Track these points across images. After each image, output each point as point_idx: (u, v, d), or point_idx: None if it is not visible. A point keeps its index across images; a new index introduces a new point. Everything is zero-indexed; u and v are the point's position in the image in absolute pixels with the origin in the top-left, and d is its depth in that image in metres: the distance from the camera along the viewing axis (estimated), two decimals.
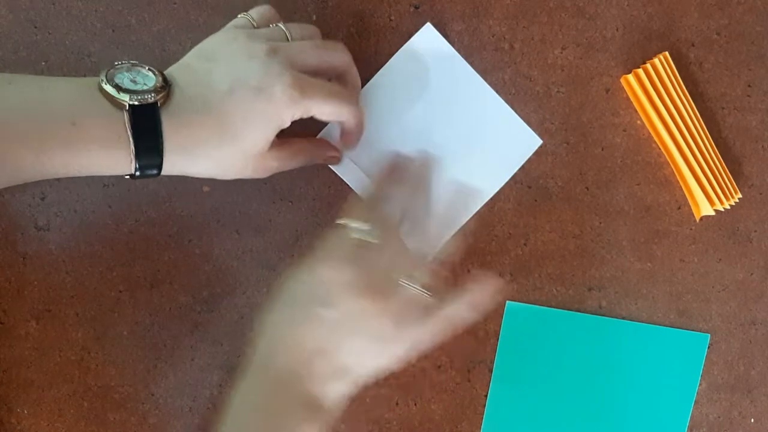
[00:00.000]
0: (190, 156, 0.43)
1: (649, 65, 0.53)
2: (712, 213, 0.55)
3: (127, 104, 0.41)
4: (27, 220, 0.52)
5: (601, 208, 0.55)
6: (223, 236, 0.53)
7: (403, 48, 0.54)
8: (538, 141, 0.55)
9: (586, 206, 0.55)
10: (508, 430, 0.55)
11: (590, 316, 0.56)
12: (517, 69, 0.54)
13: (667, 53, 0.54)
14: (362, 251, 0.45)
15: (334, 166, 0.53)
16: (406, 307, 0.45)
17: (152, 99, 0.42)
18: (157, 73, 0.43)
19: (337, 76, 0.50)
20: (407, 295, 0.45)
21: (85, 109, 0.41)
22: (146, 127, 0.41)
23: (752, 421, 0.57)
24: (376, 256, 0.45)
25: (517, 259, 0.55)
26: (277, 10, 0.49)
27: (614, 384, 0.56)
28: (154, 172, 0.43)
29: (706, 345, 0.56)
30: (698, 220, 0.56)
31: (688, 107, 0.54)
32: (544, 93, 0.55)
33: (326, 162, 0.52)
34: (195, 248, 0.53)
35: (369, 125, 0.53)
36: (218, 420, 0.43)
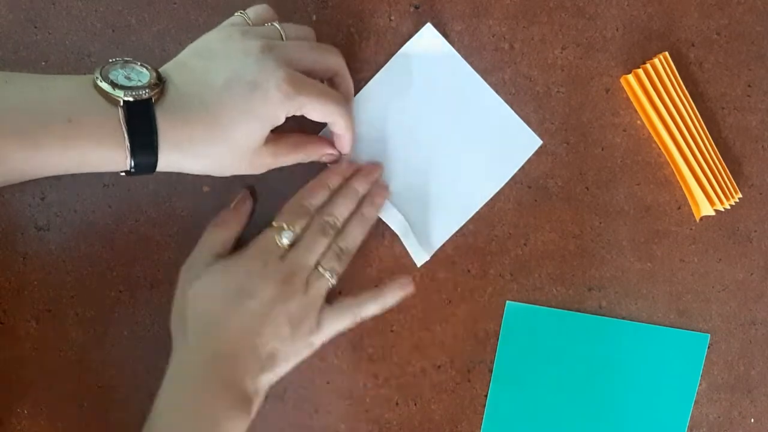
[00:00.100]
0: (186, 152, 0.43)
1: (649, 65, 0.53)
2: (712, 213, 0.55)
3: (121, 100, 0.41)
4: (27, 220, 0.52)
5: (601, 208, 0.55)
6: None
7: (403, 48, 0.54)
8: (538, 141, 0.55)
9: (586, 206, 0.55)
10: (508, 430, 0.55)
11: (590, 316, 0.56)
12: (517, 69, 0.54)
13: (667, 53, 0.54)
14: (287, 252, 0.48)
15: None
16: (317, 292, 0.49)
17: (146, 95, 0.42)
18: (151, 70, 0.43)
19: (330, 79, 0.50)
20: (318, 284, 0.49)
21: (81, 106, 0.41)
22: (141, 123, 0.42)
23: (752, 421, 0.57)
24: (302, 254, 0.48)
25: (517, 259, 0.55)
26: (276, 11, 0.49)
27: (614, 384, 0.56)
28: (150, 168, 0.43)
29: (706, 345, 0.56)
30: (698, 220, 0.56)
31: (688, 107, 0.54)
32: (544, 93, 0.55)
33: (322, 159, 0.52)
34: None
35: (369, 125, 0.53)
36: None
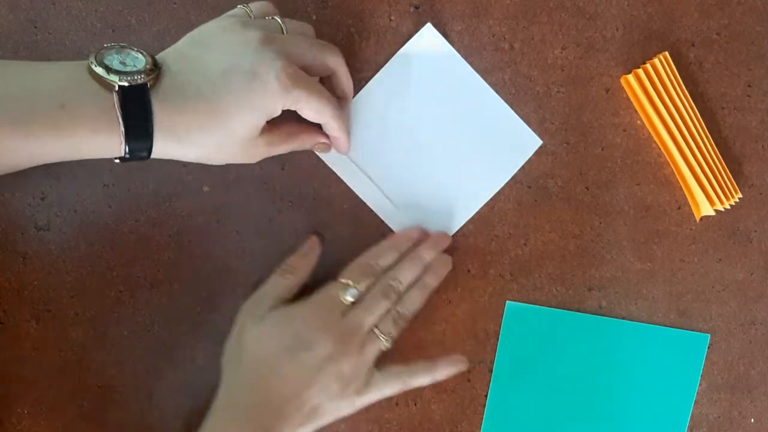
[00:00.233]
0: (182, 140, 0.43)
1: (649, 65, 0.53)
2: (712, 213, 0.55)
3: (116, 85, 0.41)
4: (27, 220, 0.52)
5: (601, 208, 0.55)
6: (223, 236, 0.53)
7: (403, 48, 0.54)
8: (538, 141, 0.55)
9: (586, 206, 0.55)
10: (508, 430, 0.55)
11: (590, 316, 0.56)
12: (517, 69, 0.54)
13: (667, 53, 0.54)
14: (348, 309, 0.49)
15: (335, 167, 0.53)
16: (370, 354, 0.49)
17: (142, 80, 0.41)
18: (146, 55, 0.43)
19: (329, 78, 0.50)
20: (373, 346, 0.49)
21: (75, 92, 0.41)
22: (136, 108, 0.41)
23: (752, 421, 0.57)
24: (362, 314, 0.49)
25: (517, 259, 0.55)
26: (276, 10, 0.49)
27: (614, 384, 0.56)
28: (144, 154, 0.42)
29: (706, 345, 0.56)
30: (698, 220, 0.56)
31: (688, 107, 0.54)
32: (544, 93, 0.55)
33: (316, 149, 0.51)
34: (195, 248, 0.53)
35: (369, 125, 0.53)
36: None
